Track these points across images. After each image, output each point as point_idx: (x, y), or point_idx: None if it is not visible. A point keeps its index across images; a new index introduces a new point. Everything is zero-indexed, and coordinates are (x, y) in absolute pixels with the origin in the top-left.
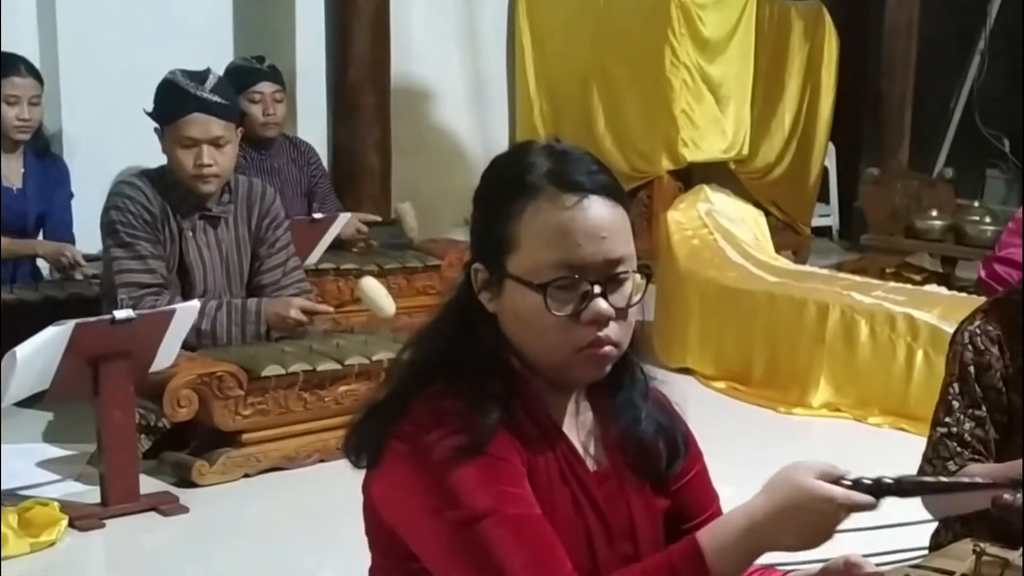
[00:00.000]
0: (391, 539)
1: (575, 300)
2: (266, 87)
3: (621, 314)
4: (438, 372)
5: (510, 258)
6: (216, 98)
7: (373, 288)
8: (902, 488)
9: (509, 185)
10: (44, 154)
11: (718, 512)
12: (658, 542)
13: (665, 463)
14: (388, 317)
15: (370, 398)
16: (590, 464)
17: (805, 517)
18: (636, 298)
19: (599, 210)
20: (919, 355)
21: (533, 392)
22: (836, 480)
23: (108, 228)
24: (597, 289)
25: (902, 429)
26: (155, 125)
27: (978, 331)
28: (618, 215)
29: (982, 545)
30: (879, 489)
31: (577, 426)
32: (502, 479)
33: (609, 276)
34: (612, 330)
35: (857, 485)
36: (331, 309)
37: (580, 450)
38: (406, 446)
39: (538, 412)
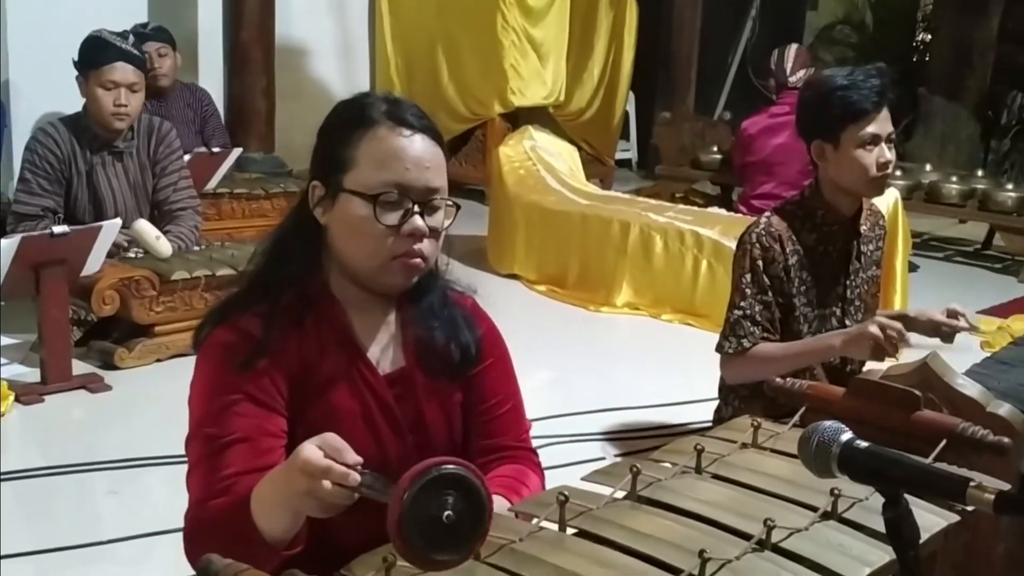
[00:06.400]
0: None
1: (398, 214)
2: (150, 46)
3: (434, 233)
4: (256, 287)
5: (346, 176)
6: (135, 51)
7: (144, 231)
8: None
9: (350, 117)
10: None
11: (505, 400)
12: (453, 432)
13: (457, 362)
14: (164, 257)
15: (216, 302)
16: (383, 368)
17: (286, 479)
18: (447, 223)
19: (425, 145)
20: (703, 264)
21: (335, 304)
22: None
23: (21, 165)
24: (417, 208)
25: (689, 324)
26: (77, 73)
27: (763, 232)
28: (438, 153)
29: (758, 420)
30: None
31: (378, 334)
32: (247, 404)
33: (427, 200)
34: (424, 246)
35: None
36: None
37: (375, 356)
38: (201, 355)
39: (335, 323)
